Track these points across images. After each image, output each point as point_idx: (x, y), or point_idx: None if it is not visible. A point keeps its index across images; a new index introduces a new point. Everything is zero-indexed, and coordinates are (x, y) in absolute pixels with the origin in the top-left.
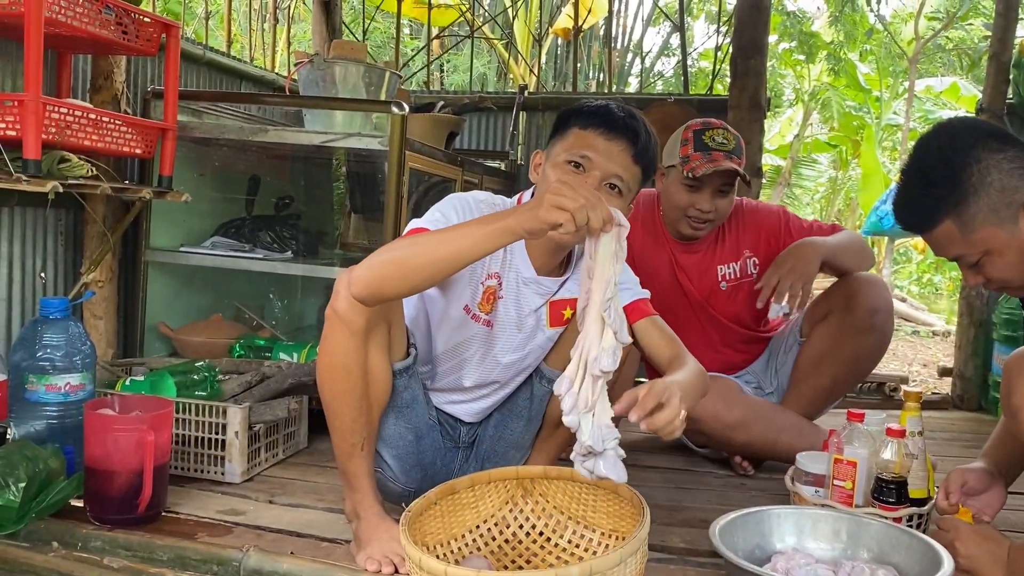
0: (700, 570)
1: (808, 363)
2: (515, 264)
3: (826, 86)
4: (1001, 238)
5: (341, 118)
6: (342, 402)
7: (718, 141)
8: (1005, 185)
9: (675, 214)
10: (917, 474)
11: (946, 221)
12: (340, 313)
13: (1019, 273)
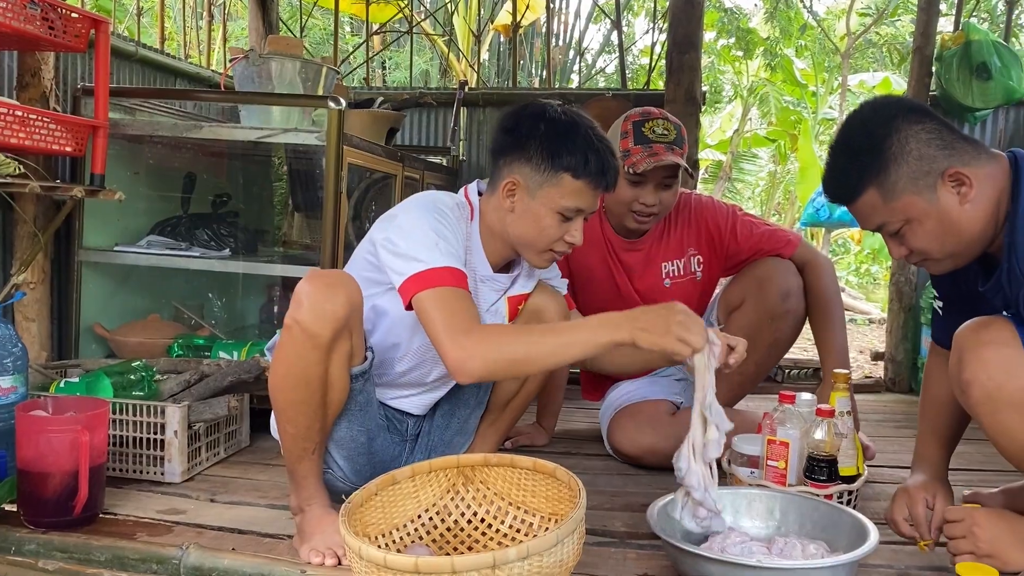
0: (640, 552)
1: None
2: (473, 264)
3: (764, 82)
4: (920, 206)
5: (278, 114)
6: (298, 410)
7: (658, 132)
8: (923, 154)
9: (620, 209)
10: (847, 452)
11: (869, 190)
12: (303, 325)
13: (937, 243)
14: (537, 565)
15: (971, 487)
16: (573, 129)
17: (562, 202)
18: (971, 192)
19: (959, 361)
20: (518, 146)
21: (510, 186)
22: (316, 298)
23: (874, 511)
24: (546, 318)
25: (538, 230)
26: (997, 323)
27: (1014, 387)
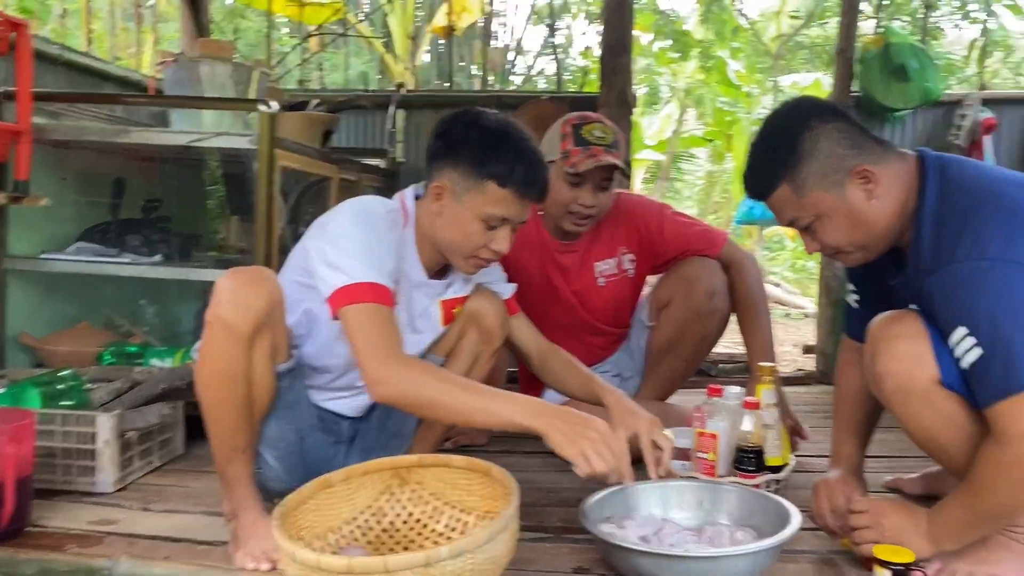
0: (574, 546)
1: (660, 349)
2: (407, 270)
3: (699, 83)
4: (829, 202)
5: (210, 118)
6: (223, 408)
7: (596, 135)
8: (833, 152)
9: (558, 211)
10: (773, 443)
11: (783, 185)
12: (224, 319)
13: (846, 237)
14: (470, 562)
15: (893, 473)
16: (503, 138)
17: (486, 209)
18: (877, 188)
19: (873, 354)
20: (449, 151)
21: (437, 190)
22: (236, 293)
23: (803, 499)
24: (484, 323)
25: (463, 236)
26: (908, 317)
27: (924, 378)
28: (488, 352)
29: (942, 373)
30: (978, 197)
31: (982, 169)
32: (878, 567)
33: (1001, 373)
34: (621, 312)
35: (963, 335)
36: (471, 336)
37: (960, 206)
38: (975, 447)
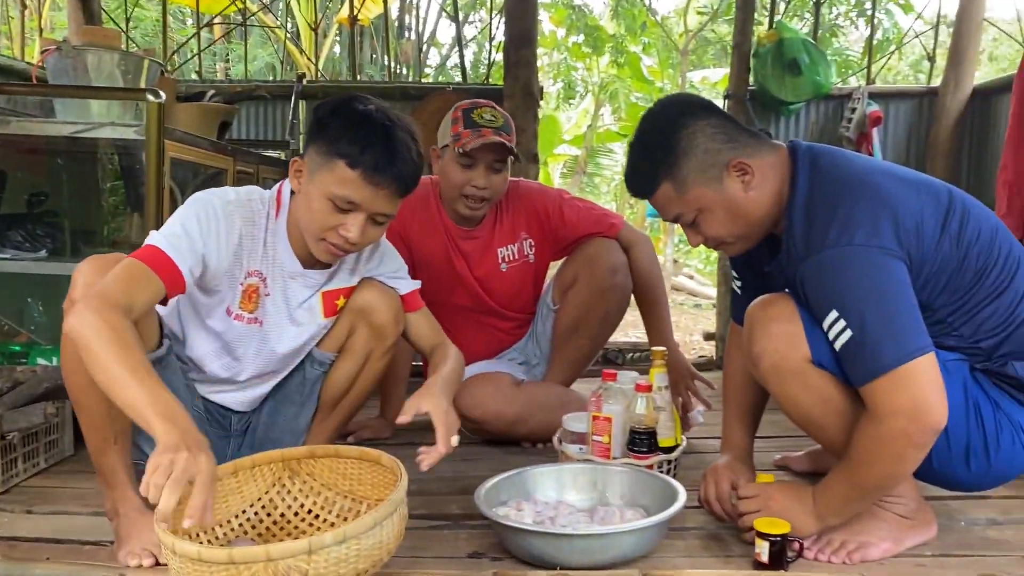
0: (472, 532)
1: (566, 329)
2: (279, 260)
3: (613, 78)
4: (710, 196)
5: (98, 108)
6: (87, 395)
7: (486, 118)
8: (709, 148)
9: (452, 193)
10: (665, 425)
11: (664, 184)
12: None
13: (727, 228)
14: (355, 548)
15: (782, 451)
16: (364, 121)
17: (333, 188)
18: (753, 180)
19: (749, 336)
20: (312, 131)
21: (297, 165)
22: (88, 276)
23: (694, 479)
24: (375, 319)
25: (309, 213)
26: (781, 300)
27: (797, 358)
28: (381, 349)
29: (813, 353)
30: (846, 185)
31: (852, 159)
32: (758, 539)
33: (871, 354)
34: (524, 297)
35: (835, 318)
36: (362, 332)
37: (829, 195)
38: (846, 422)
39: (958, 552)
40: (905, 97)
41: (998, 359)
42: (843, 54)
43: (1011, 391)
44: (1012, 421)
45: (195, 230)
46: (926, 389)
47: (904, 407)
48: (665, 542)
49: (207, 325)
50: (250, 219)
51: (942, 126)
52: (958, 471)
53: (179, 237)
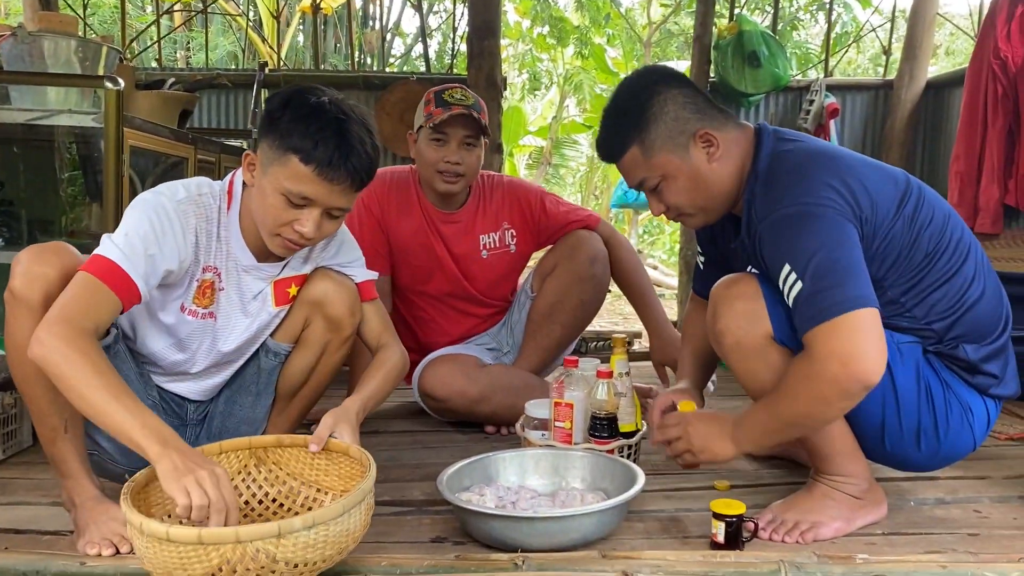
0: (435, 517)
1: (540, 315)
2: (233, 254)
3: (578, 69)
4: (675, 164)
5: (54, 96)
6: (32, 385)
7: (456, 97)
8: (678, 116)
9: (428, 172)
10: (626, 410)
11: (632, 148)
12: (15, 291)
13: (688, 198)
14: (323, 534)
15: None
16: (316, 114)
17: (286, 183)
18: (717, 152)
19: (713, 313)
20: (264, 124)
21: (250, 159)
22: (26, 264)
23: (655, 463)
24: (331, 311)
25: (264, 208)
26: (745, 279)
27: (759, 335)
28: (338, 341)
29: (775, 330)
30: (808, 157)
31: (816, 142)
32: (714, 520)
33: (816, 304)
34: (503, 286)
35: (787, 272)
36: (317, 324)
37: (790, 165)
38: None
39: (907, 531)
40: (862, 90)
41: (949, 342)
42: (803, 47)
43: (961, 373)
44: (961, 402)
45: (150, 236)
46: (864, 338)
47: (839, 352)
48: (625, 525)
49: (159, 319)
50: (203, 215)
51: (897, 118)
52: (909, 452)
53: (132, 247)
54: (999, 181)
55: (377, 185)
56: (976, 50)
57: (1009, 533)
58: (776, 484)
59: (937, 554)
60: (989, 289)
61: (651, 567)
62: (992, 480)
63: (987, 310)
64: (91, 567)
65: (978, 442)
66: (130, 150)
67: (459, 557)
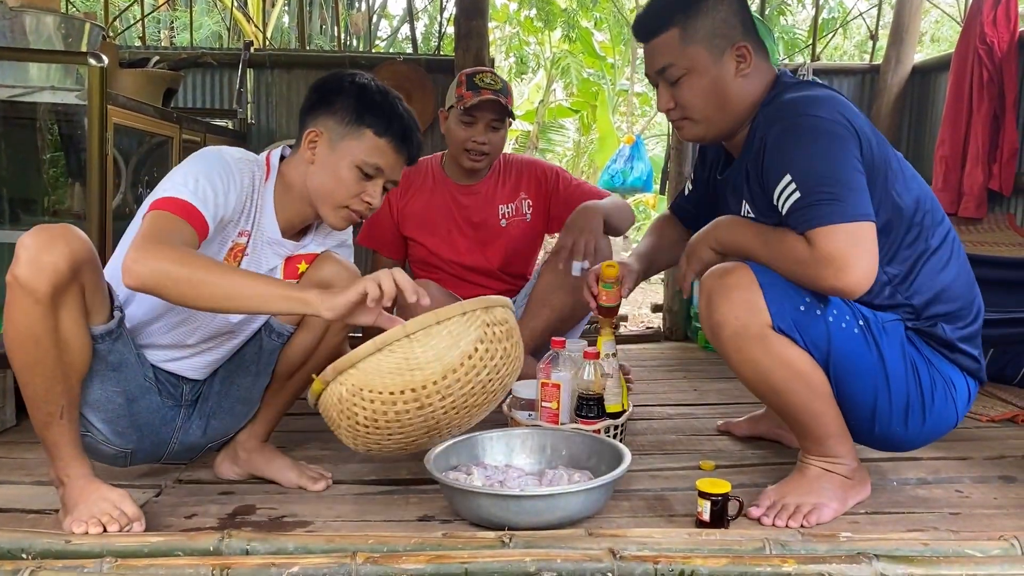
0: (422, 496)
1: (536, 298)
2: (262, 225)
3: (565, 53)
4: (706, 61)
5: (36, 73)
6: (32, 372)
7: (486, 82)
8: (728, 20)
9: (456, 149)
10: (612, 391)
11: (673, 28)
12: (21, 280)
13: (702, 102)
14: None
15: (725, 418)
16: (382, 94)
17: (362, 156)
18: (747, 69)
19: (708, 304)
20: (324, 102)
21: (312, 136)
22: (33, 251)
23: (640, 444)
24: None
25: (336, 181)
26: (737, 269)
27: (758, 324)
28: (339, 324)
29: (774, 318)
30: (820, 87)
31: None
32: (700, 499)
33: (817, 209)
34: (518, 259)
35: (787, 182)
36: None
37: (802, 94)
38: (807, 384)
39: (890, 510)
40: (848, 74)
41: (927, 319)
42: (790, 32)
43: (941, 349)
44: (944, 376)
45: (216, 183)
46: (862, 251)
47: (837, 258)
48: (611, 503)
49: None
50: (249, 179)
51: (883, 102)
52: (896, 430)
53: (202, 188)
54: (983, 166)
55: None
56: (962, 35)
57: (989, 512)
58: (760, 464)
59: (919, 532)
60: (962, 275)
61: (637, 544)
62: (973, 461)
63: (960, 293)
64: (76, 545)
65: (960, 417)
66: (114, 128)
67: (446, 535)
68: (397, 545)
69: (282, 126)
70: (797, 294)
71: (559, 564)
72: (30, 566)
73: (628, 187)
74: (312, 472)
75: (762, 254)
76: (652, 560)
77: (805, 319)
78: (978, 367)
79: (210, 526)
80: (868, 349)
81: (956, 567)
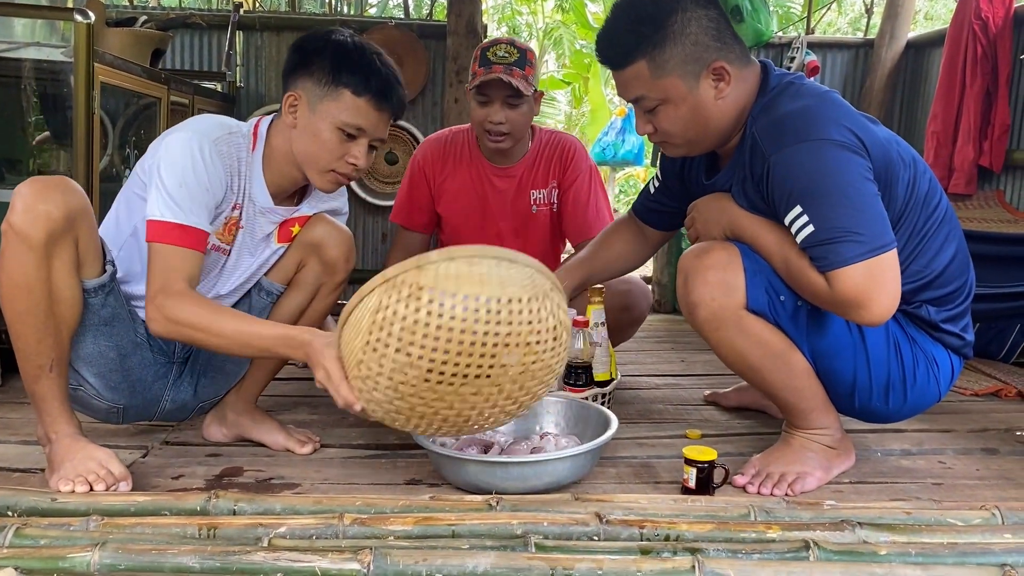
0: (410, 461)
1: None
2: (253, 195)
3: (558, 23)
4: (681, 90)
5: (21, 28)
6: (24, 322)
7: (499, 55)
8: (699, 41)
9: (477, 130)
10: (600, 359)
11: (641, 61)
12: (16, 227)
13: (682, 128)
14: None
15: (712, 388)
16: (359, 51)
17: (341, 117)
18: (727, 89)
19: (685, 284)
20: (303, 63)
21: (292, 100)
22: (29, 200)
23: (627, 412)
24: (328, 254)
25: (318, 144)
26: (718, 248)
27: (733, 305)
28: (331, 284)
29: (749, 300)
30: (814, 94)
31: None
32: (686, 466)
33: (834, 248)
34: (548, 246)
35: (798, 213)
36: (312, 266)
37: (799, 104)
38: (783, 363)
39: (874, 480)
40: (842, 48)
41: (914, 303)
42: (784, 6)
43: (926, 328)
44: (927, 354)
45: (201, 177)
46: (881, 286)
47: (857, 297)
48: (597, 469)
49: None
50: (234, 154)
51: (877, 77)
52: (876, 406)
53: (187, 196)
54: (975, 142)
55: (433, 146)
56: (957, 10)
57: (971, 483)
58: (747, 434)
59: (902, 501)
60: (958, 260)
61: (623, 509)
62: (956, 433)
63: (953, 277)
64: (62, 503)
65: (942, 394)
66: (101, 87)
67: (434, 498)
68: (384, 507)
69: (271, 90)
70: (780, 287)
71: (546, 527)
72: (15, 523)
73: (619, 160)
74: (300, 435)
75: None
76: (638, 524)
77: (782, 304)
78: (963, 344)
79: (197, 487)
80: (848, 329)
81: (938, 535)
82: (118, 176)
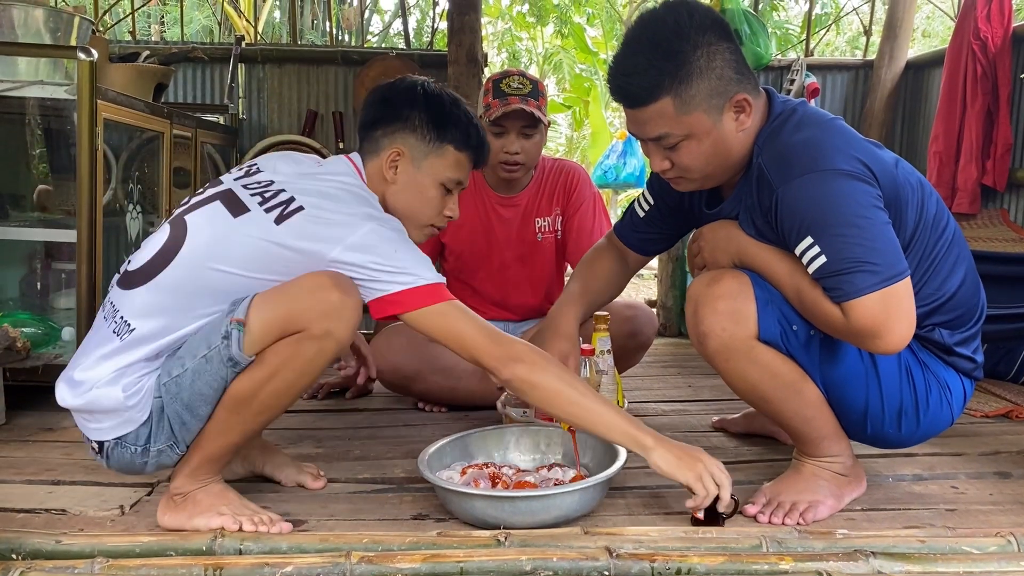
0: (416, 495)
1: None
2: None
3: (558, 48)
4: (705, 125)
5: (25, 68)
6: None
7: (513, 87)
8: (723, 75)
9: (491, 161)
10: (607, 387)
11: (666, 97)
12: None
13: (703, 162)
14: None
15: (720, 414)
16: (454, 103)
17: (446, 173)
18: (747, 121)
19: (695, 313)
20: (399, 117)
21: (394, 156)
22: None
23: None
24: None
25: (422, 201)
26: (728, 276)
27: (744, 336)
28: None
29: (761, 330)
30: (819, 123)
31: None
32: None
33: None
34: (553, 274)
35: (809, 244)
36: None
37: (805, 130)
38: (794, 392)
39: (886, 506)
40: (842, 69)
41: (926, 327)
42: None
43: (938, 352)
44: (939, 380)
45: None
46: (896, 316)
47: (872, 328)
48: (607, 501)
49: None
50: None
51: (877, 98)
52: (889, 432)
53: (419, 258)
54: (977, 161)
55: None
56: (956, 30)
57: (985, 508)
58: (756, 461)
59: (916, 529)
60: (968, 282)
61: (633, 543)
62: (968, 457)
63: (964, 300)
64: (67, 545)
65: (955, 418)
66: (104, 123)
67: (441, 534)
68: (392, 544)
69: (273, 121)
70: (793, 316)
71: (555, 563)
72: (20, 567)
73: (621, 183)
74: (311, 469)
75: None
76: (648, 558)
77: (795, 334)
78: (974, 367)
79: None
80: (860, 357)
81: (953, 564)
82: (121, 210)
